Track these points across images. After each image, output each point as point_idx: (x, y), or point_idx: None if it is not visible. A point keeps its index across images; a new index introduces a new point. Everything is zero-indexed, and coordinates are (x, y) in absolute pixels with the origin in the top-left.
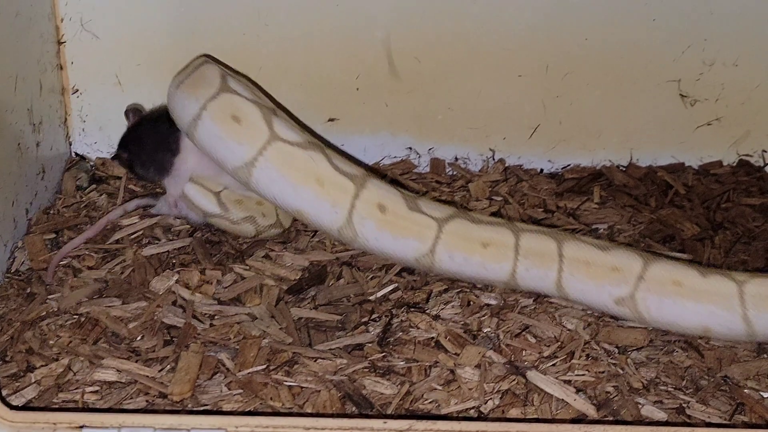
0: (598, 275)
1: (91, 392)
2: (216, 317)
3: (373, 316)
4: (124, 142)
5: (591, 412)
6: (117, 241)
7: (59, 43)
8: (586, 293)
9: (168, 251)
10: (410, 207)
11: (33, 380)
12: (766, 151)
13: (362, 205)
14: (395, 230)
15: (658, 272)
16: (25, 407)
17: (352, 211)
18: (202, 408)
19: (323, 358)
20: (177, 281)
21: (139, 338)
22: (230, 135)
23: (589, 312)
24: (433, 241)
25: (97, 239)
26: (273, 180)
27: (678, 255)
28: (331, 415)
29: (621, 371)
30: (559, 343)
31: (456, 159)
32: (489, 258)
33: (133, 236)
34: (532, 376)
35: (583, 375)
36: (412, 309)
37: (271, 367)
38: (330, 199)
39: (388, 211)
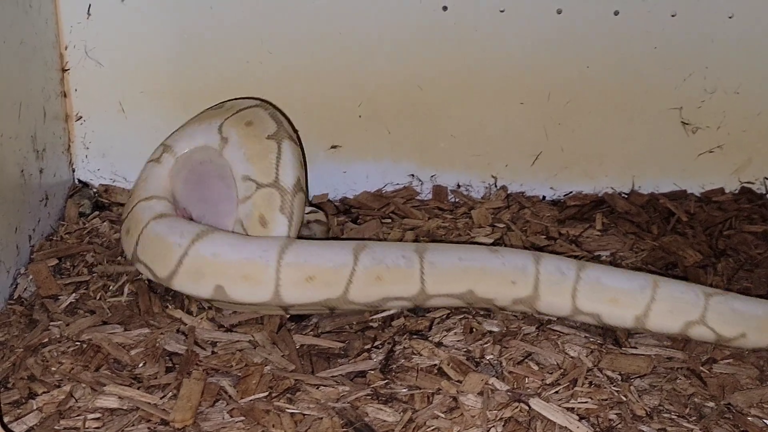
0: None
1: (93, 419)
2: (218, 344)
3: (376, 344)
4: None
5: None
6: (120, 266)
7: (63, 70)
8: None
9: None
10: None
11: (35, 407)
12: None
13: None
14: None
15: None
16: None
17: None
18: None
19: (325, 386)
20: (179, 308)
21: (141, 365)
22: None
23: (592, 339)
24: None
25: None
26: None
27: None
28: None
29: (624, 398)
30: (562, 370)
31: (458, 186)
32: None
33: None
34: (535, 403)
35: (586, 402)
36: (415, 336)
37: (273, 395)
38: None
39: None
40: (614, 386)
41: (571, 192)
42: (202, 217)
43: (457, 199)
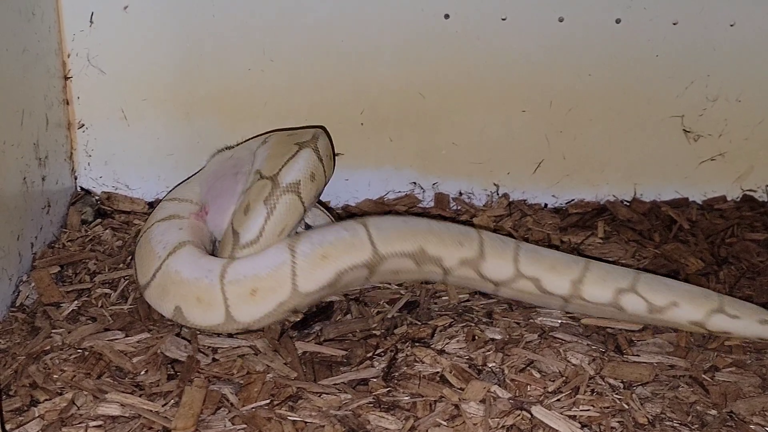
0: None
1: (94, 427)
2: (219, 351)
3: (378, 351)
4: None
5: None
6: (121, 272)
7: (66, 78)
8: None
9: None
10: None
11: (37, 414)
12: None
13: None
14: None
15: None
16: None
17: None
18: None
19: (328, 393)
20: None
21: (142, 373)
22: None
23: (594, 347)
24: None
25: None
26: None
27: None
28: None
29: (626, 406)
30: (564, 378)
31: (460, 194)
32: None
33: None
34: (537, 411)
35: (588, 410)
36: (417, 344)
37: (275, 402)
38: None
39: None
40: (616, 394)
41: (572, 200)
42: (210, 212)
43: (458, 207)
